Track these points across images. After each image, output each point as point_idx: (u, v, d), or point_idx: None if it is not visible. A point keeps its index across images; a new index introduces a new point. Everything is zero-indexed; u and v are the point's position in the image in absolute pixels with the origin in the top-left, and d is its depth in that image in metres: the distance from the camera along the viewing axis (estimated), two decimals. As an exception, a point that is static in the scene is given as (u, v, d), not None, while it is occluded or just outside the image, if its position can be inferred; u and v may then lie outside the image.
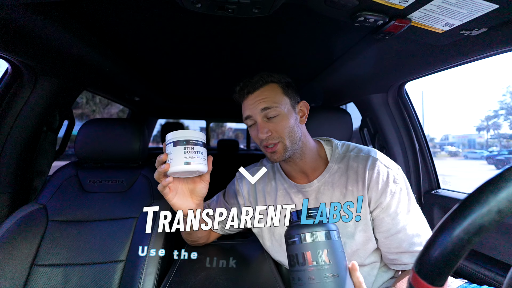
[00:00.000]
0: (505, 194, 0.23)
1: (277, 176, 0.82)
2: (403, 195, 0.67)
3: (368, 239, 0.69)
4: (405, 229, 0.65)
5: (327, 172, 0.74)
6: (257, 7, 0.60)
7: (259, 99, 0.70)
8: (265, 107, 0.69)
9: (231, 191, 0.88)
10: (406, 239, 0.65)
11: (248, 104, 0.72)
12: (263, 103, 0.69)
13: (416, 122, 1.29)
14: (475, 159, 12.50)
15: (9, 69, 0.97)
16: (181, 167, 0.57)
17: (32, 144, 1.09)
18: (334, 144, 0.78)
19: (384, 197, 0.67)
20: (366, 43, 0.89)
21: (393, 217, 0.66)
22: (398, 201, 0.67)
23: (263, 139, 0.70)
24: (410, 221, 0.66)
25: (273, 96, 0.70)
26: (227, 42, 1.00)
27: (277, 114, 0.69)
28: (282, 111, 0.70)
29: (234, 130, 17.06)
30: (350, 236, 0.69)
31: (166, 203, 0.65)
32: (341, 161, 0.75)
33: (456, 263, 0.24)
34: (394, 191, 0.67)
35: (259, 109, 0.69)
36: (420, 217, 0.68)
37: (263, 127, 0.69)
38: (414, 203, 0.69)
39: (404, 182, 0.70)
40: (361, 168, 0.71)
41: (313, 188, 0.74)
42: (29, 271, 0.83)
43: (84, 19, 0.81)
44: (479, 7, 0.53)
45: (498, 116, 14.70)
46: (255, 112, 0.70)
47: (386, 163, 0.71)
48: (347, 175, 0.72)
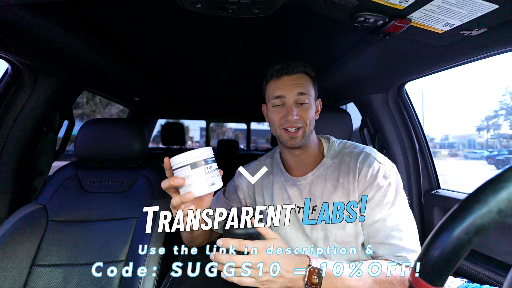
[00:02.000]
0: (505, 194, 0.23)
1: (275, 170, 0.85)
2: (390, 190, 0.68)
3: (359, 232, 0.70)
4: (384, 219, 0.66)
5: (321, 166, 0.77)
6: (257, 8, 0.60)
7: (296, 83, 0.73)
8: (302, 92, 0.72)
9: (231, 187, 0.91)
10: (383, 230, 0.65)
11: (283, 84, 0.73)
12: (300, 88, 0.72)
13: (416, 122, 1.29)
14: (475, 159, 12.49)
15: (9, 69, 0.97)
16: (207, 189, 0.54)
17: (32, 144, 1.09)
18: (331, 141, 0.82)
19: (369, 190, 0.69)
20: (366, 43, 0.89)
21: (373, 208, 0.67)
22: (382, 195, 0.68)
23: (291, 121, 0.71)
24: (392, 214, 0.66)
25: (307, 85, 0.74)
26: (227, 42, 1.00)
27: (307, 102, 0.73)
28: (311, 100, 0.74)
29: (234, 130, 17.06)
30: (340, 227, 0.70)
31: (166, 203, 0.65)
32: (336, 157, 0.78)
33: (456, 263, 0.24)
34: (381, 185, 0.68)
35: (295, 92, 0.72)
36: (406, 214, 0.68)
37: (294, 109, 0.72)
38: (402, 201, 0.69)
39: (395, 179, 0.70)
40: (353, 161, 0.73)
41: (307, 181, 0.77)
42: (29, 271, 0.83)
43: (84, 19, 0.81)
44: (479, 7, 0.53)
45: (498, 116, 14.70)
46: (291, 94, 0.72)
47: (379, 159, 0.73)
48: (339, 169, 0.75)
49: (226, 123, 14.60)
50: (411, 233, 0.66)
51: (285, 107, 0.73)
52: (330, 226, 0.71)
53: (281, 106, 0.74)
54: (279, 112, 0.74)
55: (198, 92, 1.90)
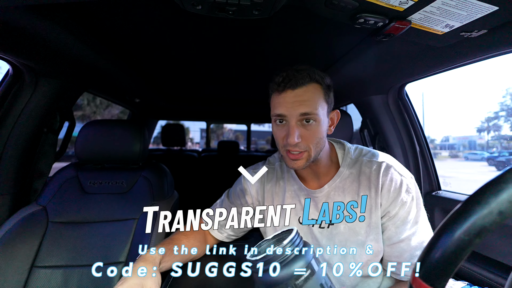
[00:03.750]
0: (506, 196, 0.22)
1: (286, 176, 0.77)
2: (413, 205, 0.64)
3: (380, 250, 0.65)
4: (409, 239, 0.63)
5: (338, 177, 0.70)
6: (258, 9, 0.60)
7: (300, 100, 0.60)
8: (306, 112, 0.60)
9: (237, 190, 0.82)
10: (408, 250, 0.62)
11: (285, 101, 0.61)
12: (304, 107, 0.60)
13: (416, 124, 1.29)
14: (475, 161, 12.45)
15: (10, 71, 0.97)
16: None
17: (32, 145, 1.09)
18: (346, 148, 0.73)
19: (393, 206, 0.64)
20: (366, 45, 0.89)
21: (398, 226, 0.63)
22: (407, 211, 0.64)
23: (291, 144, 0.61)
24: (416, 232, 0.63)
25: (316, 100, 0.61)
26: (227, 44, 1.01)
27: (314, 121, 0.62)
28: (319, 118, 0.62)
29: (234, 132, 17.07)
30: (361, 245, 0.65)
31: (166, 204, 0.65)
32: (353, 166, 0.70)
33: (457, 264, 0.24)
34: (405, 200, 0.64)
35: (298, 112, 0.60)
36: (428, 230, 0.65)
37: (296, 132, 0.61)
38: (423, 214, 0.66)
39: (416, 192, 0.66)
40: (374, 174, 0.66)
41: (323, 194, 0.70)
42: (29, 272, 0.82)
43: (85, 21, 0.82)
44: (479, 9, 0.53)
45: (498, 118, 14.67)
46: (293, 113, 0.61)
47: (400, 170, 0.67)
48: (359, 180, 0.67)
49: (226, 125, 14.60)
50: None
51: (286, 127, 0.62)
52: (349, 243, 0.66)
53: (283, 125, 0.63)
54: (281, 131, 0.64)
55: (198, 93, 1.91)
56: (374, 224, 0.65)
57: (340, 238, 0.66)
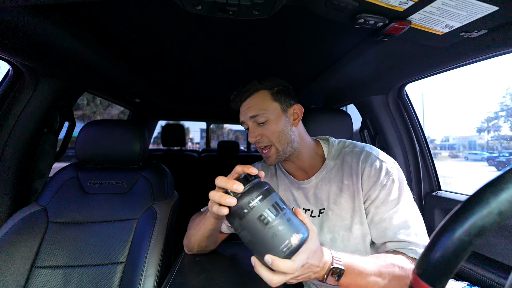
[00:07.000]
0: (506, 196, 0.23)
1: (279, 173, 0.86)
2: (394, 187, 0.68)
3: (366, 233, 0.69)
4: (390, 218, 0.66)
5: (324, 169, 0.78)
6: (258, 9, 0.60)
7: (248, 107, 0.75)
8: (253, 115, 0.74)
9: None
10: (391, 228, 0.65)
11: (241, 111, 0.78)
12: (251, 111, 0.75)
13: (416, 124, 1.29)
14: (475, 161, 12.45)
15: (11, 71, 0.97)
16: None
17: (32, 145, 1.09)
18: (330, 142, 0.82)
19: (373, 190, 0.68)
20: (366, 45, 0.89)
21: (378, 206, 0.67)
22: (387, 193, 0.67)
23: (254, 143, 0.76)
24: (398, 212, 0.66)
25: (261, 104, 0.74)
26: (228, 44, 1.01)
27: (265, 120, 0.74)
28: (270, 117, 0.74)
29: (234, 132, 17.06)
30: (347, 229, 0.70)
31: (166, 204, 0.65)
32: (337, 157, 0.78)
33: (457, 264, 0.24)
34: (384, 183, 0.68)
35: (248, 116, 0.75)
36: (412, 210, 0.67)
37: (253, 131, 0.75)
38: (407, 197, 0.68)
39: (398, 176, 0.70)
40: (355, 161, 0.74)
41: (311, 184, 0.78)
42: (29, 272, 0.82)
43: (85, 21, 0.82)
44: (479, 9, 0.53)
45: (498, 118, 14.68)
46: (246, 118, 0.76)
47: (380, 156, 0.73)
48: (342, 169, 0.75)
49: (226, 125, 14.59)
50: (419, 229, 0.65)
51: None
52: (337, 228, 0.72)
53: (248, 130, 0.78)
54: (249, 136, 0.78)
55: (198, 93, 1.91)
56: (358, 207, 0.70)
57: (329, 224, 0.73)
